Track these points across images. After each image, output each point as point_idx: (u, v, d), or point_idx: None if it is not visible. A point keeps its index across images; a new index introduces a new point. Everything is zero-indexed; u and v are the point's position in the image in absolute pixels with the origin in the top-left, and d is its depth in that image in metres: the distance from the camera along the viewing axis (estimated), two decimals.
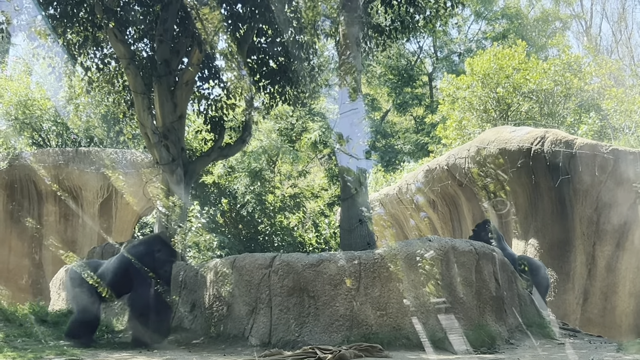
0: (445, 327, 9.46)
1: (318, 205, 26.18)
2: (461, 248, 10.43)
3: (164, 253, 11.21)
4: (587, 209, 14.63)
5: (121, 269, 10.94)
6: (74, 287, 11.21)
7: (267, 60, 15.81)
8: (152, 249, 11.16)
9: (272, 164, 25.62)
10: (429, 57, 40.08)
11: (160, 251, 11.15)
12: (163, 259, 11.08)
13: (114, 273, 10.96)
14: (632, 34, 46.21)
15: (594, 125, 21.03)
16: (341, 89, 12.90)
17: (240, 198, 22.27)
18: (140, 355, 9.71)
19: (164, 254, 11.18)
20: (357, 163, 12.26)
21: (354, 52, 12.98)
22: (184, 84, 14.58)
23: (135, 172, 20.09)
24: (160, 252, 11.14)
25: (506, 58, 22.12)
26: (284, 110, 24.98)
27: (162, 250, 11.20)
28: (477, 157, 15.87)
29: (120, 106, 16.25)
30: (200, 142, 18.77)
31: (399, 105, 36.91)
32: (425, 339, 9.31)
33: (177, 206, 13.71)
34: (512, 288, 11.25)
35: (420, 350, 9.21)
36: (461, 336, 9.48)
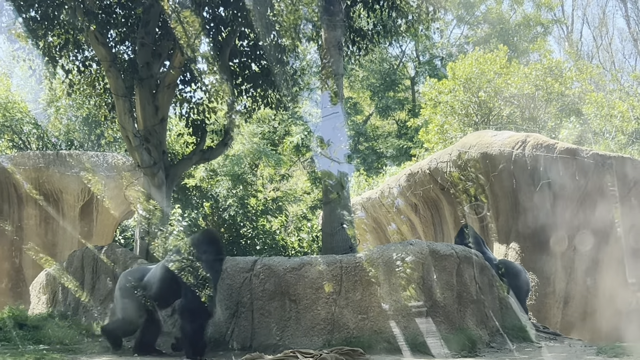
0: (426, 331, 9.46)
1: (300, 209, 26.19)
2: (442, 252, 10.44)
3: (211, 253, 10.16)
4: (567, 213, 14.69)
5: (167, 277, 10.15)
6: (123, 297, 10.54)
7: (249, 63, 15.79)
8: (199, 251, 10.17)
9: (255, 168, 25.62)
10: (412, 61, 40.20)
11: (206, 252, 10.12)
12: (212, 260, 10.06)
13: (160, 281, 10.21)
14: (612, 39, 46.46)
15: (575, 129, 21.18)
16: (323, 92, 12.90)
17: (222, 201, 22.24)
18: (121, 359, 9.65)
19: (211, 253, 10.14)
20: (338, 167, 12.26)
21: (335, 56, 12.98)
22: (165, 87, 14.53)
23: (116, 175, 19.99)
24: (207, 253, 10.12)
25: (488, 62, 22.24)
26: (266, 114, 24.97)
27: (208, 251, 10.16)
28: (458, 161, 15.91)
29: (102, 109, 16.17)
30: (182, 146, 18.72)
31: (382, 109, 37.00)
32: (406, 343, 9.31)
33: (158, 210, 13.66)
34: (492, 292, 11.28)
35: (401, 354, 9.22)
36: (442, 340, 9.49)
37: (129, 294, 10.38)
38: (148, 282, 10.31)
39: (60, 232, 20.29)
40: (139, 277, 10.47)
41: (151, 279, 10.29)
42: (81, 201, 20.35)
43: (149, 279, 10.33)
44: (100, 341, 11.48)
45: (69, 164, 20.00)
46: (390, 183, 19.60)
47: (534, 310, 14.49)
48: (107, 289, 13.10)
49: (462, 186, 16.10)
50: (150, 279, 10.30)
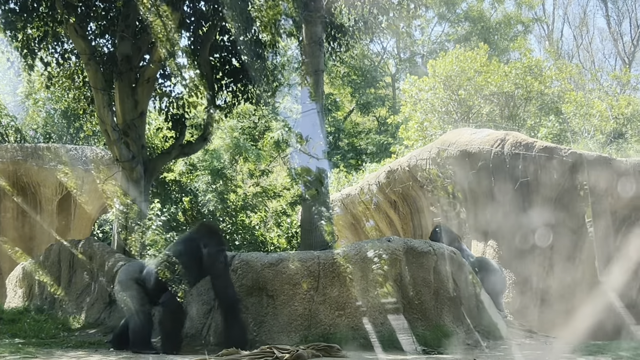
0: (403, 327, 9.48)
1: (280, 205, 26.17)
2: (420, 249, 10.47)
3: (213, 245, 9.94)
4: (545, 211, 14.76)
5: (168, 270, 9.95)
6: (124, 291, 10.24)
7: (230, 58, 15.77)
8: (198, 244, 9.96)
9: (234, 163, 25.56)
10: (392, 59, 40.29)
11: (207, 245, 9.90)
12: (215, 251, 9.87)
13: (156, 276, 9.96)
14: (593, 38, 46.74)
15: (554, 128, 21.31)
16: (303, 88, 12.89)
17: (202, 196, 22.18)
18: (96, 354, 9.61)
19: (213, 246, 9.92)
20: (317, 163, 12.26)
21: (316, 52, 12.98)
22: (145, 81, 14.47)
23: (94, 169, 19.87)
24: (209, 245, 9.90)
25: (468, 60, 22.32)
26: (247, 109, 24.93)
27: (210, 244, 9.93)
28: (438, 159, 15.95)
29: (80, 102, 16.10)
30: (161, 140, 18.68)
31: (362, 106, 37.06)
32: (382, 339, 9.32)
33: (136, 204, 13.62)
34: (469, 289, 11.31)
35: (377, 350, 9.22)
36: (419, 336, 9.52)
37: (129, 286, 10.18)
38: (147, 275, 10.15)
39: (38, 226, 20.16)
40: (138, 270, 10.33)
41: (149, 272, 10.12)
42: (59, 195, 20.23)
43: (147, 272, 10.17)
44: (76, 335, 11.43)
45: (46, 158, 19.87)
46: (369, 180, 19.62)
47: (511, 307, 14.56)
48: (83, 284, 13.05)
49: (440, 183, 16.14)
50: (149, 272, 10.14)
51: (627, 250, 15.11)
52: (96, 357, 9.20)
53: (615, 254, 15.06)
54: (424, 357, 8.77)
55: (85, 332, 11.68)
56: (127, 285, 10.18)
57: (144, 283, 10.07)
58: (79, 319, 12.40)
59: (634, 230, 15.07)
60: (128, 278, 10.25)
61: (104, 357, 9.19)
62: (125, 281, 10.25)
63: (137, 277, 10.16)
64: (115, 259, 12.69)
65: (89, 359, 9.05)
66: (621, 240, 15.04)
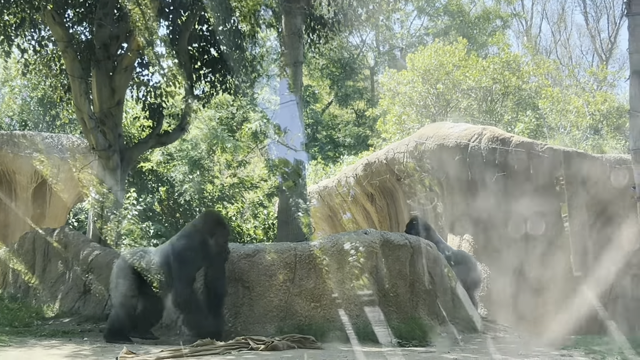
0: (378, 319, 9.50)
1: (257, 196, 26.10)
2: (396, 241, 10.49)
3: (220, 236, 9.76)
4: (520, 206, 14.84)
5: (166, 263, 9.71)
6: (118, 278, 10.02)
7: (209, 48, 15.71)
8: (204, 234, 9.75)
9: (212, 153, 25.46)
10: (372, 51, 40.29)
11: (214, 235, 9.71)
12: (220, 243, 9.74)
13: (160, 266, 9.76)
14: (570, 35, 47.00)
15: (531, 123, 21.44)
16: (281, 80, 12.87)
17: (179, 186, 22.07)
18: (70, 343, 9.56)
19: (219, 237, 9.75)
20: (295, 155, 12.26)
21: (295, 43, 12.97)
22: (122, 70, 14.40)
23: (70, 157, 19.71)
24: (215, 235, 9.72)
25: (447, 55, 22.39)
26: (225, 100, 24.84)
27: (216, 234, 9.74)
28: (415, 152, 15.99)
29: (57, 90, 15.98)
30: (138, 129, 18.54)
31: (341, 98, 37.04)
32: (358, 331, 9.34)
33: (112, 193, 13.55)
34: (445, 282, 11.36)
35: (353, 342, 9.24)
36: (394, 329, 9.55)
37: (124, 275, 9.98)
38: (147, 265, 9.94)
39: (12, 214, 20.00)
40: (138, 258, 10.09)
41: (150, 263, 9.92)
42: (34, 183, 20.07)
43: (148, 263, 9.95)
44: (50, 324, 11.36)
45: (22, 145, 19.68)
46: (347, 172, 19.64)
47: (485, 301, 14.65)
48: (58, 272, 12.97)
49: (418, 177, 16.19)
50: (150, 263, 9.93)
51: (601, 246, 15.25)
52: (70, 346, 9.15)
53: (590, 249, 15.18)
54: (399, 350, 8.80)
55: (60, 321, 11.61)
56: (124, 274, 9.99)
57: (144, 272, 9.88)
58: (53, 308, 12.33)
59: (608, 226, 15.20)
60: (127, 266, 10.04)
61: (78, 346, 9.14)
62: (124, 268, 10.05)
63: (135, 265, 9.95)
64: (91, 248, 12.63)
65: (62, 348, 9.00)
66: (596, 236, 15.17)
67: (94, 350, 8.69)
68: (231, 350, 8.24)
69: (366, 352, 8.48)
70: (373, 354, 8.24)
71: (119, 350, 7.98)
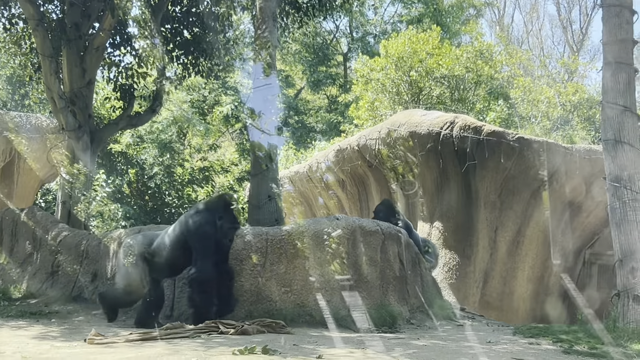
0: (349, 306, 9.52)
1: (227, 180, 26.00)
2: (368, 228, 10.50)
3: (228, 220, 9.68)
4: (491, 194, 14.93)
5: (179, 241, 9.56)
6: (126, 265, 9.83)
7: (182, 30, 15.61)
8: (214, 217, 9.61)
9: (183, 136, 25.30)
10: (345, 37, 40.21)
11: (222, 218, 9.59)
12: (227, 227, 9.62)
13: (172, 247, 9.57)
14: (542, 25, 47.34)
15: (502, 113, 21.54)
16: (255, 63, 12.79)
17: (148, 169, 21.92)
18: (37, 324, 9.48)
19: (227, 221, 9.65)
20: (268, 139, 12.20)
21: (270, 27, 12.87)
22: (94, 49, 14.26)
23: (39, 137, 19.47)
24: (223, 219, 9.60)
25: (420, 42, 22.38)
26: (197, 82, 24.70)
27: (224, 217, 9.64)
28: (387, 139, 16.00)
29: (27, 69, 15.82)
30: (109, 110, 18.38)
31: (313, 83, 36.99)
32: (328, 316, 9.35)
33: (82, 174, 13.43)
34: (415, 269, 11.40)
35: (323, 327, 9.25)
36: (364, 314, 9.56)
37: (135, 262, 9.73)
38: (158, 247, 9.72)
39: None
40: (147, 243, 9.85)
41: (161, 245, 9.72)
42: (2, 162, 19.82)
43: (158, 245, 9.75)
44: (17, 305, 11.26)
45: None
46: (318, 158, 19.62)
47: (453, 288, 14.74)
48: (25, 253, 12.86)
49: (390, 164, 16.20)
50: (161, 244, 9.73)
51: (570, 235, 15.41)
52: (38, 327, 9.07)
53: (561, 238, 15.33)
54: (368, 336, 8.82)
55: (27, 302, 11.52)
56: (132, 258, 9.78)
57: (153, 257, 9.69)
58: (20, 289, 12.22)
59: (577, 216, 15.35)
60: (134, 249, 9.80)
61: (46, 327, 9.07)
62: (131, 252, 9.82)
63: (143, 250, 9.72)
64: (59, 229, 12.53)
65: (30, 328, 8.92)
66: (565, 225, 15.31)
67: (62, 332, 8.62)
68: (201, 334, 8.21)
69: (336, 337, 8.49)
70: (343, 339, 8.26)
71: (87, 332, 7.91)
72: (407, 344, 8.12)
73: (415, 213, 16.17)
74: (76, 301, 11.22)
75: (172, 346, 7.20)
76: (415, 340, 8.53)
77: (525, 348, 8.19)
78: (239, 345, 6.91)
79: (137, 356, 6.39)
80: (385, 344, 7.99)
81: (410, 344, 8.08)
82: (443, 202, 15.47)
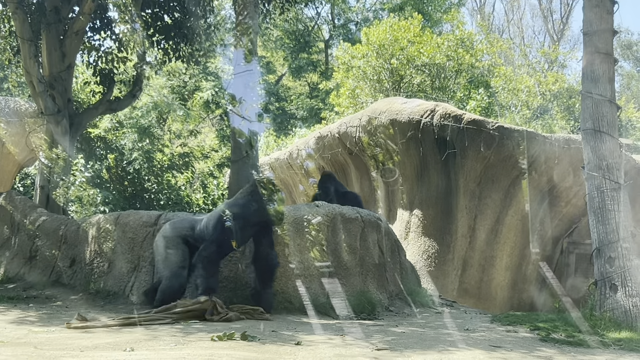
0: (328, 292, 9.53)
1: (207, 166, 25.96)
2: (348, 215, 10.52)
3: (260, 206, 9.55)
4: (470, 183, 14.98)
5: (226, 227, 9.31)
6: (167, 248, 9.55)
7: (162, 14, 15.51)
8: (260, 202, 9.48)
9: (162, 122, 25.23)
10: (327, 24, 40.15)
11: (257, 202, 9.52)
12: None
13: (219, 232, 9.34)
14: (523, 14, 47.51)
15: (482, 101, 21.59)
16: (237, 49, 12.74)
17: (128, 154, 21.83)
18: (15, 309, 9.43)
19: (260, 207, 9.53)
20: (249, 125, 12.17)
21: (251, 12, 12.82)
22: (73, 34, 14.16)
23: (18, 121, 19.29)
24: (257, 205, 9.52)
25: (402, 30, 22.39)
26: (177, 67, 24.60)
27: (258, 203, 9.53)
28: (368, 127, 16.01)
29: (6, 52, 15.70)
30: (88, 94, 18.28)
31: (294, 70, 36.95)
32: (307, 303, 9.36)
33: (61, 158, 13.36)
34: (395, 257, 11.45)
35: (302, 314, 9.27)
36: (343, 301, 9.58)
37: (176, 244, 9.56)
38: (202, 232, 9.56)
39: None
40: (188, 227, 9.70)
41: (205, 230, 9.54)
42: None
43: (202, 230, 9.58)
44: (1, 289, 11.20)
45: None
46: (299, 145, 19.61)
47: (432, 276, 14.80)
48: (3, 237, 12.79)
49: (370, 152, 16.22)
50: (204, 229, 9.56)
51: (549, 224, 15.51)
52: (15, 312, 9.03)
53: (539, 226, 15.43)
54: (347, 322, 8.85)
55: (4, 286, 11.45)
56: (174, 243, 9.57)
57: (195, 241, 9.54)
58: None
59: (556, 205, 15.44)
60: (176, 235, 9.61)
61: (24, 312, 9.03)
62: (173, 238, 9.61)
63: (185, 234, 9.59)
64: (37, 213, 12.46)
65: (7, 313, 8.87)
66: (544, 214, 15.41)
67: (40, 317, 8.59)
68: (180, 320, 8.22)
69: (315, 324, 8.52)
70: (322, 326, 8.29)
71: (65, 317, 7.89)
72: (386, 330, 8.16)
73: (395, 201, 16.20)
74: (54, 286, 11.15)
75: (151, 332, 7.20)
76: (394, 327, 8.58)
77: (502, 336, 8.25)
78: (217, 332, 6.92)
79: (115, 342, 6.38)
80: (364, 330, 8.02)
81: (389, 331, 8.12)
82: (423, 190, 15.51)
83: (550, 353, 7.08)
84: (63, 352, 5.71)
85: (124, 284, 10.31)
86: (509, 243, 15.28)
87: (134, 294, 10.10)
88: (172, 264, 9.43)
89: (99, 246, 10.76)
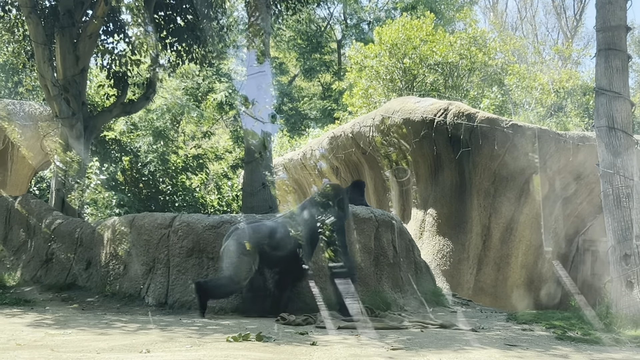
0: (342, 293, 9.51)
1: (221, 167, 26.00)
2: (362, 215, 10.51)
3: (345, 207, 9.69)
4: (485, 181, 14.95)
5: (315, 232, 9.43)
6: (241, 254, 9.32)
7: (175, 17, 15.57)
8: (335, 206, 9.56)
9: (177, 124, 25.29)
10: (339, 24, 40.15)
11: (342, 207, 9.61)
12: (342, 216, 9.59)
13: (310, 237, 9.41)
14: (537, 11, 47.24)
15: (496, 99, 21.54)
16: (249, 51, 12.77)
17: (142, 156, 21.89)
18: (32, 311, 9.48)
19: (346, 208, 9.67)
20: (262, 126, 12.20)
21: (263, 14, 12.86)
22: (87, 37, 14.21)
23: (32, 125, 19.40)
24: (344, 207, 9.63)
25: (414, 29, 22.35)
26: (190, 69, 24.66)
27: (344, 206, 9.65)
28: (381, 126, 16.00)
29: (20, 56, 15.79)
30: (102, 97, 18.37)
31: (307, 71, 36.96)
32: (321, 303, 9.35)
33: (76, 162, 13.42)
34: (409, 256, 11.43)
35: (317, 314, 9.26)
36: (357, 302, 9.56)
37: (250, 252, 9.34)
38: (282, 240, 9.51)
39: None
40: (265, 234, 9.53)
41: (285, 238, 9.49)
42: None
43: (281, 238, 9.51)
44: (11, 292, 11.26)
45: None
46: (312, 145, 19.62)
47: (447, 275, 14.77)
48: (20, 241, 12.86)
49: (384, 151, 16.21)
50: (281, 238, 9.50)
51: (564, 222, 15.45)
52: (32, 315, 9.08)
53: (554, 224, 15.37)
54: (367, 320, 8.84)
55: (21, 289, 11.52)
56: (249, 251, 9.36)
57: (272, 249, 9.46)
58: (15, 276, 12.22)
59: (570, 203, 15.39)
60: (254, 243, 9.40)
61: (40, 315, 9.07)
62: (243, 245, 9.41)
63: (260, 241, 9.44)
64: (53, 216, 12.53)
65: (24, 316, 8.92)
66: (559, 212, 15.36)
67: (57, 319, 8.63)
68: None
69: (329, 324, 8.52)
70: None
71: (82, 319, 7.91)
72: (400, 330, 8.16)
73: (408, 200, 16.19)
74: (70, 289, 11.23)
75: (167, 333, 7.23)
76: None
77: (518, 334, 8.23)
78: (233, 332, 6.94)
79: (131, 343, 6.41)
80: (379, 330, 8.02)
81: (404, 331, 8.12)
82: (437, 189, 15.49)
83: (566, 351, 7.04)
84: (80, 354, 5.74)
85: (139, 286, 10.35)
86: (524, 241, 15.24)
87: (149, 295, 10.15)
88: (240, 272, 9.33)
89: (114, 248, 10.81)
